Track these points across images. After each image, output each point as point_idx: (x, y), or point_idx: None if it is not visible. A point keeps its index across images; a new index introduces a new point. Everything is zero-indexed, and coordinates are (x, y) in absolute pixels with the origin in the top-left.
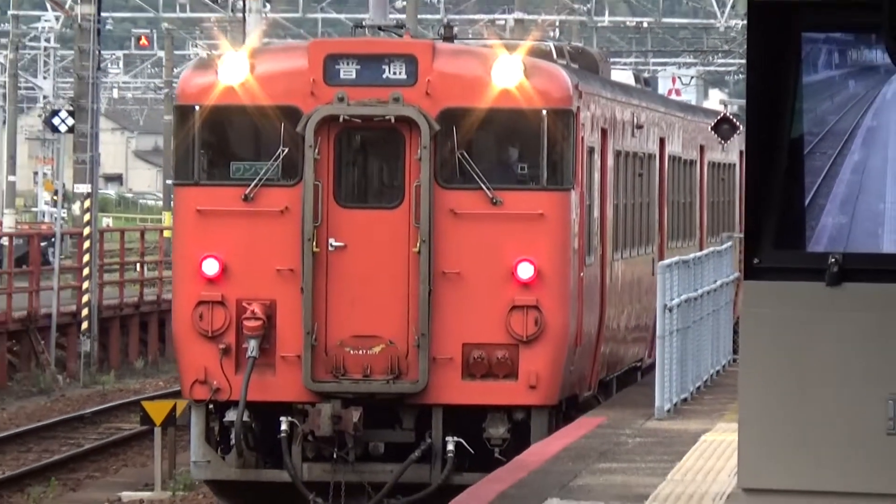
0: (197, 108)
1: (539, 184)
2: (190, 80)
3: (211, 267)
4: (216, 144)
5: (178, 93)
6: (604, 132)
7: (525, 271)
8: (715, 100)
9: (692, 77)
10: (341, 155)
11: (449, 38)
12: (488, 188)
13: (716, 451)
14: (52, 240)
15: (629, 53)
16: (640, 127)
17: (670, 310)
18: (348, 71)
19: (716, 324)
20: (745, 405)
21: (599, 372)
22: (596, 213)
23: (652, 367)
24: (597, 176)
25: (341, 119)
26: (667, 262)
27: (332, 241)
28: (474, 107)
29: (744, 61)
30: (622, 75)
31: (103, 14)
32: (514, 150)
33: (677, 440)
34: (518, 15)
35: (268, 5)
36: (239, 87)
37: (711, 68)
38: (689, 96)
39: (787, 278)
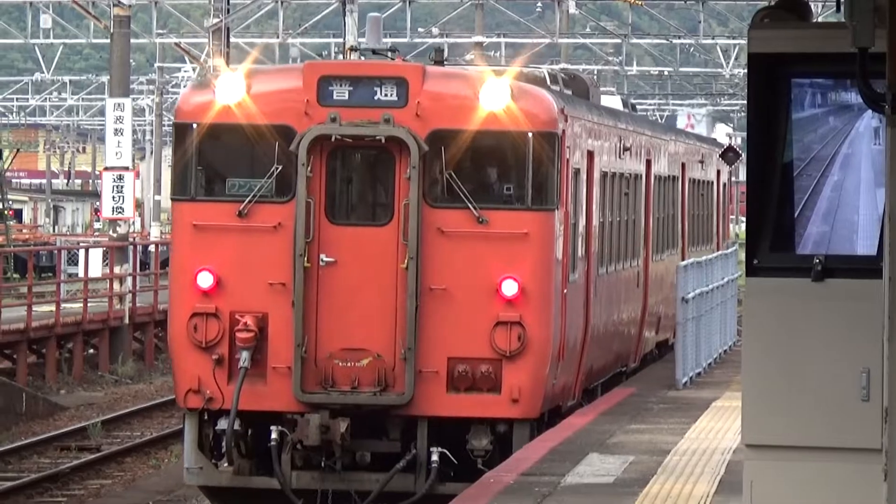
0: (194, 126)
1: (524, 204)
2: (188, 99)
3: (205, 280)
4: (212, 161)
5: (177, 111)
6: (590, 154)
7: (509, 288)
8: (721, 133)
9: (703, 115)
10: (333, 173)
11: (439, 61)
12: (475, 207)
13: (724, 415)
14: None
15: (653, 96)
16: (626, 149)
17: (686, 301)
18: (341, 92)
19: (723, 312)
20: (748, 377)
21: (584, 381)
22: (581, 230)
23: (636, 371)
24: (583, 196)
25: (333, 138)
26: (684, 262)
27: (322, 256)
28: (462, 128)
29: (745, 101)
30: (611, 101)
31: (231, 65)
32: (500, 170)
33: (693, 406)
34: (510, 39)
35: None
36: (235, 106)
37: (719, 107)
38: (700, 130)
39: (780, 276)
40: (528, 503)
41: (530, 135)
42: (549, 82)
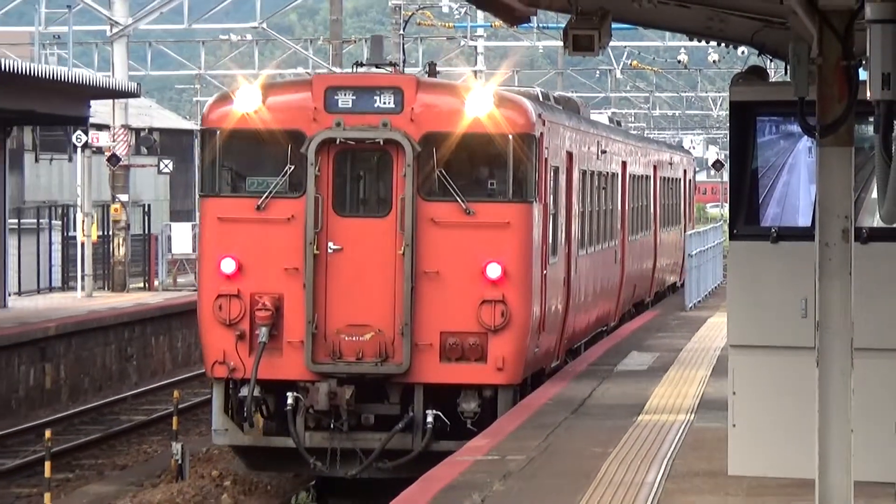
0: (218, 131)
1: (506, 197)
2: (213, 109)
3: (228, 266)
4: (233, 162)
5: (203, 119)
6: (569, 154)
7: (493, 271)
8: (713, 151)
9: (700, 140)
10: (339, 172)
11: (433, 73)
12: (462, 200)
13: (716, 327)
14: None
15: (669, 128)
16: (604, 152)
17: (691, 256)
18: (345, 101)
19: (713, 263)
20: (731, 303)
21: (567, 344)
22: (561, 219)
23: (615, 328)
24: (562, 190)
25: (338, 141)
26: (690, 232)
27: (330, 244)
28: (451, 132)
29: (727, 131)
30: (600, 117)
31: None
32: (485, 168)
33: (696, 321)
34: (580, 94)
35: None
36: (253, 114)
37: (710, 135)
38: (698, 150)
39: (751, 240)
40: (595, 382)
41: (510, 137)
42: (541, 99)
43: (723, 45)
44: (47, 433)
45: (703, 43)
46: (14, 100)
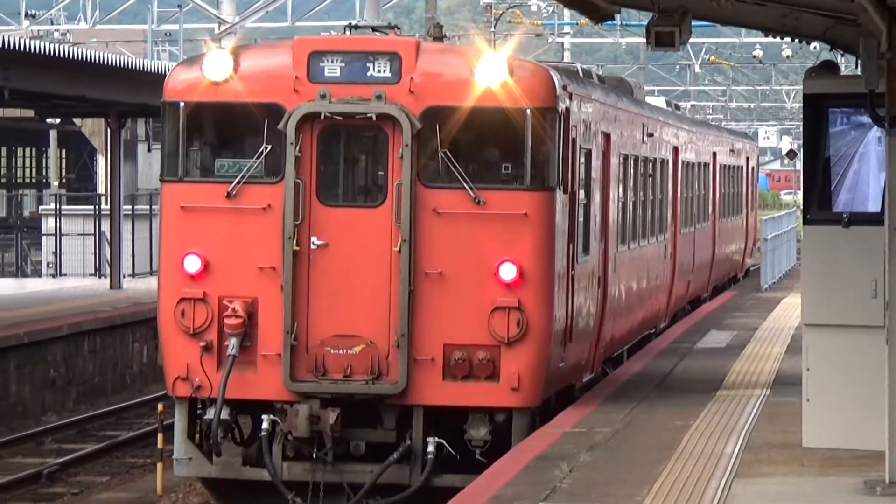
0: (182, 104)
1: (523, 183)
2: (176, 77)
3: (193, 264)
4: (200, 141)
5: (165, 89)
6: (606, 136)
7: (507, 272)
8: (786, 142)
9: (774, 131)
10: (324, 153)
11: (438, 38)
12: (471, 188)
13: (790, 307)
14: None
15: (745, 120)
16: (650, 135)
17: (766, 240)
18: (332, 68)
19: (787, 246)
20: (805, 284)
21: (604, 353)
22: (595, 210)
23: (665, 329)
24: (597, 177)
25: (323, 116)
26: (765, 217)
27: (313, 239)
28: (458, 105)
29: (801, 122)
30: (656, 101)
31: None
32: (497, 149)
33: (771, 302)
34: (659, 87)
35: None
36: (223, 83)
37: (784, 126)
38: (772, 141)
39: (823, 224)
40: (676, 359)
41: (528, 111)
42: (581, 75)
43: (796, 40)
44: (160, 407)
45: (778, 39)
46: (128, 94)
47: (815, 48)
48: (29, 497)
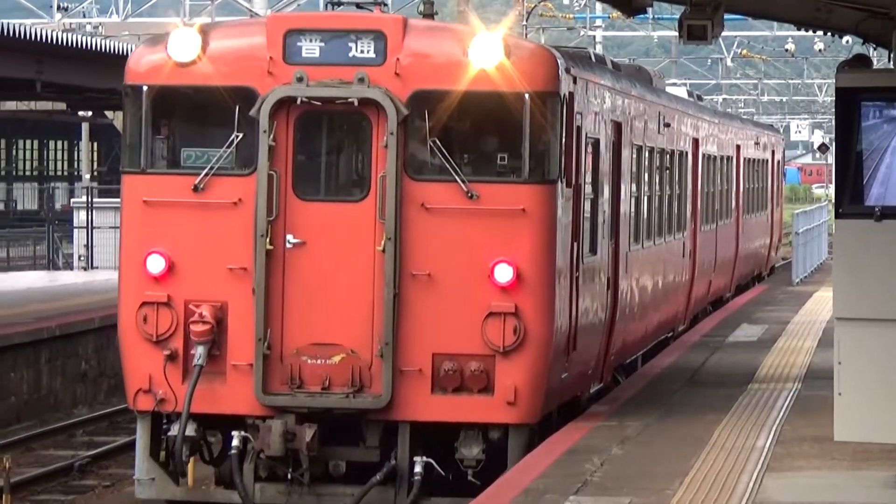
0: (144, 88)
1: (520, 176)
2: (138, 58)
3: (156, 264)
4: (165, 129)
5: (126, 71)
6: (617, 125)
7: (503, 274)
8: (818, 136)
9: (806, 125)
10: (301, 142)
11: (429, 15)
12: (463, 181)
13: (822, 301)
14: None
15: (776, 113)
16: (667, 125)
17: (798, 234)
18: (310, 48)
19: (819, 240)
20: (837, 277)
21: (615, 360)
22: (604, 206)
23: (684, 332)
24: (606, 169)
25: (299, 101)
26: (797, 211)
27: (289, 237)
28: (449, 89)
29: (833, 116)
30: (677, 90)
31: None
32: (493, 137)
33: (803, 295)
34: (691, 81)
35: None
36: (190, 65)
37: (816, 119)
38: (804, 135)
39: (855, 218)
40: (708, 352)
41: (527, 95)
42: (593, 60)
43: (828, 34)
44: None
45: (810, 32)
46: None
47: (847, 42)
48: (60, 489)
